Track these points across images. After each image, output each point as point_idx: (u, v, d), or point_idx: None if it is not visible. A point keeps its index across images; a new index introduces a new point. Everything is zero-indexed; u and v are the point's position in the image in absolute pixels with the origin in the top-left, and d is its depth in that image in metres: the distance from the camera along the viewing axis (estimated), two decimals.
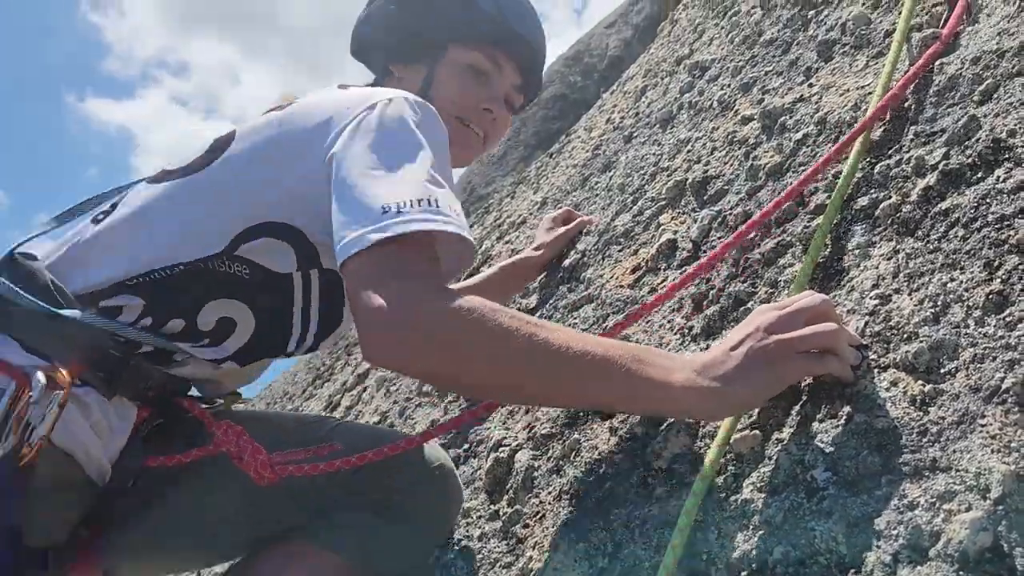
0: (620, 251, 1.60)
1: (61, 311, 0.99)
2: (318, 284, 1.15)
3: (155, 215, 1.10)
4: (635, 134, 2.13)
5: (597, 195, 2.01)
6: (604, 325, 1.41)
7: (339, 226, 0.93)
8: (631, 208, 1.72)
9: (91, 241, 1.10)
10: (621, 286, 1.47)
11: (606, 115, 2.78)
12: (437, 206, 0.92)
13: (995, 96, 1.01)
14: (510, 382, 0.89)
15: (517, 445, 1.32)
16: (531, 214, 2.59)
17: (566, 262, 1.74)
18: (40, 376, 0.93)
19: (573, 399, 0.98)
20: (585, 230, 1.80)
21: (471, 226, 3.22)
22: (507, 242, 2.49)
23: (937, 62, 1.14)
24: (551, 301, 1.69)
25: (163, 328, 1.08)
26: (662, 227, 1.52)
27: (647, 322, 1.31)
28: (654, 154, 1.86)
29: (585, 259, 1.70)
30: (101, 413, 1.04)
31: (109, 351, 1.03)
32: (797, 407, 0.91)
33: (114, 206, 1.14)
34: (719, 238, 1.32)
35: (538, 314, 1.70)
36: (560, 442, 1.23)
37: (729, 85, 1.76)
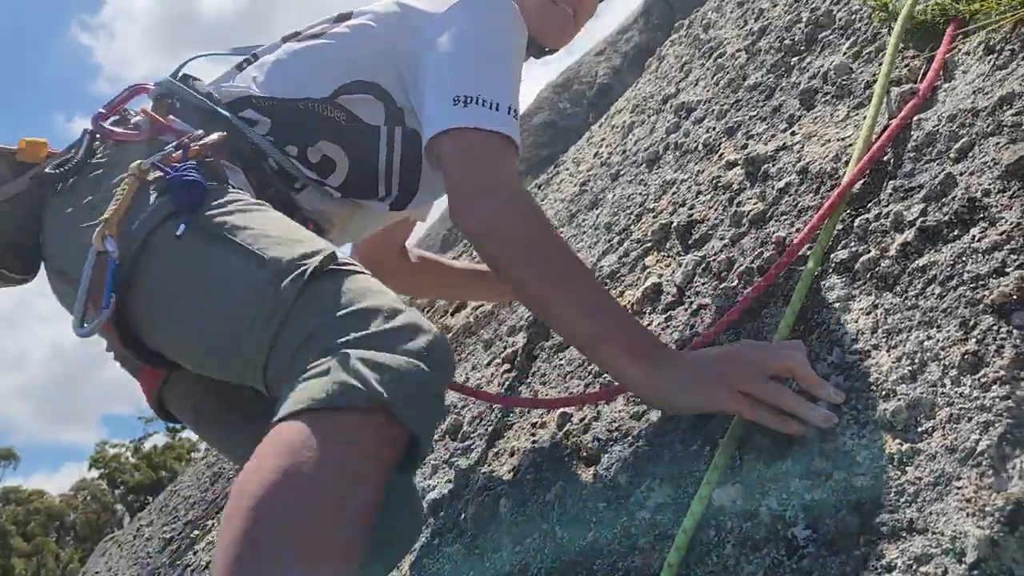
0: (608, 289, 1.61)
1: (217, 107, 1.26)
2: (400, 140, 1.35)
3: (284, 60, 1.35)
4: (622, 172, 2.15)
5: (584, 232, 2.03)
6: (589, 368, 1.42)
7: (438, 101, 1.17)
8: (617, 249, 1.73)
9: (233, 74, 1.38)
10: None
11: (594, 148, 2.81)
12: (517, 116, 1.18)
13: (970, 154, 1.03)
14: (533, 284, 1.09)
15: (501, 490, 1.32)
16: None
17: None
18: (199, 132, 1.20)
19: (563, 325, 1.13)
20: None
21: (460, 255, 3.23)
22: None
23: (915, 117, 1.16)
24: (539, 342, 1.70)
25: (285, 148, 1.29)
26: (647, 270, 1.54)
27: None
28: (640, 194, 1.89)
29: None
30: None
31: (248, 149, 1.25)
32: (779, 462, 0.92)
33: (256, 56, 1.40)
34: (703, 284, 1.34)
35: (527, 352, 1.71)
36: (544, 489, 1.23)
37: (714, 128, 1.78)
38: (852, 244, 1.08)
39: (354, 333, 0.92)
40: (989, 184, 0.97)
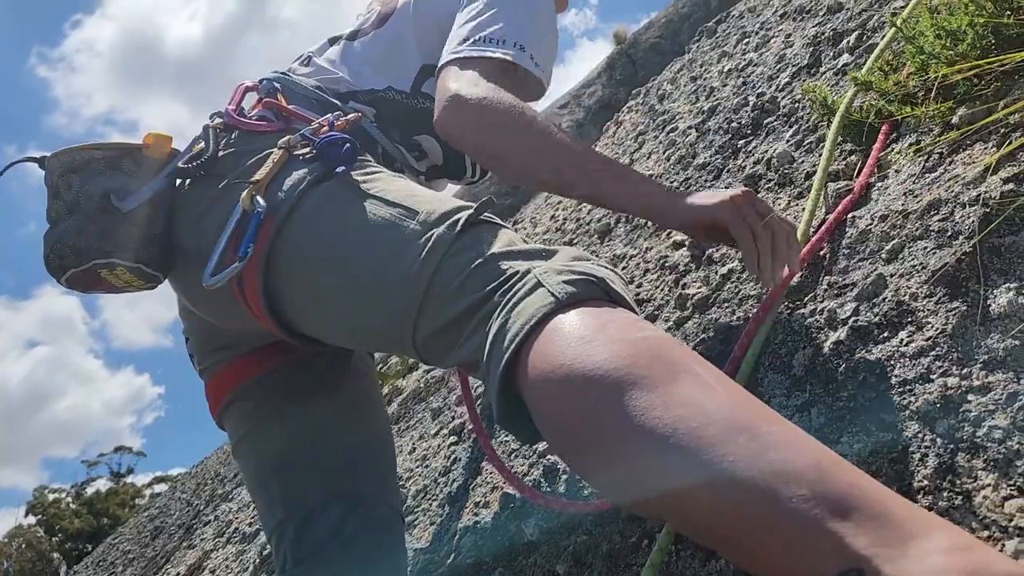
0: None
1: (330, 97, 1.32)
2: None
3: (358, 53, 1.40)
4: (575, 240, 2.18)
5: None
6: (534, 448, 1.41)
7: (459, 35, 1.23)
8: None
9: (322, 69, 1.41)
10: None
11: (551, 211, 2.85)
12: (532, 57, 1.22)
13: (900, 256, 1.07)
14: (535, 164, 1.12)
15: (441, 573, 1.30)
16: None
17: None
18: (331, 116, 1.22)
19: (584, 189, 1.13)
20: None
21: None
22: None
23: (850, 214, 1.20)
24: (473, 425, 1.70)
25: (390, 132, 1.35)
26: None
27: None
28: None
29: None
30: None
31: (363, 135, 1.30)
32: (714, 561, 0.92)
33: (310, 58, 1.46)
34: None
35: (472, 437, 1.70)
36: (484, 575, 1.22)
37: None
38: (789, 340, 1.11)
39: (525, 262, 0.91)
40: (917, 288, 1.00)
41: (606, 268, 0.93)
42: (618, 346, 0.76)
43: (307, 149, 1.14)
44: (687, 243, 1.56)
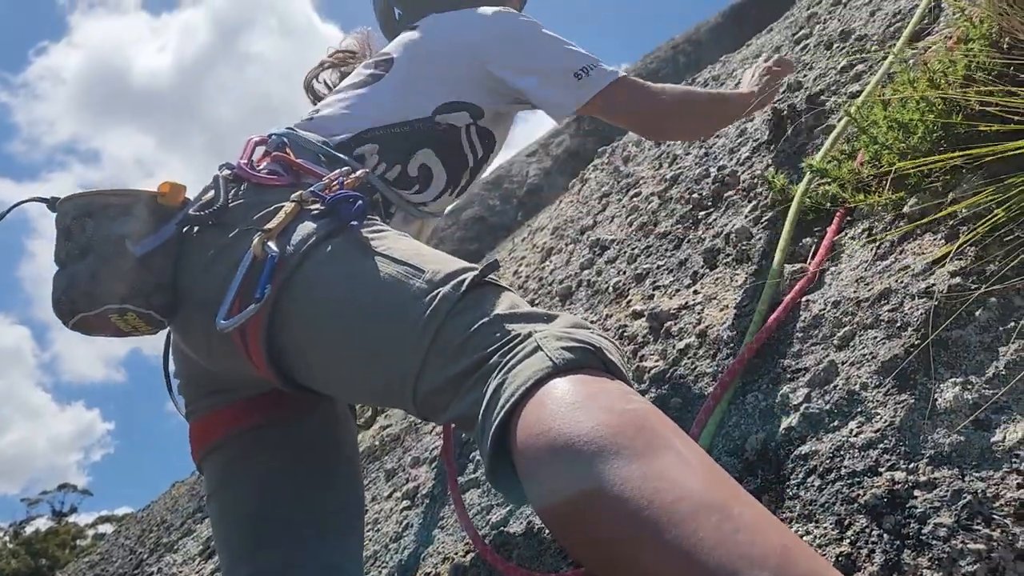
0: None
1: (335, 151, 1.37)
2: (476, 132, 1.54)
3: (369, 96, 1.49)
4: (537, 301, 2.19)
5: None
6: (486, 518, 1.40)
7: (564, 80, 1.46)
8: None
9: (327, 119, 1.46)
10: None
11: (515, 266, 2.86)
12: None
13: (852, 344, 1.09)
14: (693, 132, 1.83)
15: None
16: None
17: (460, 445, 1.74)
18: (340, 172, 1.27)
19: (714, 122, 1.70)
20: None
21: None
22: None
23: (804, 298, 1.22)
24: (446, 481, 1.67)
25: (388, 173, 1.42)
26: None
27: None
28: None
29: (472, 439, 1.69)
30: None
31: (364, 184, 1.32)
32: None
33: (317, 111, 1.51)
34: None
35: (425, 503, 1.68)
36: None
37: (625, 272, 1.84)
38: (743, 423, 1.12)
39: (527, 324, 0.95)
40: (867, 378, 1.02)
41: (604, 338, 0.96)
42: (605, 415, 0.79)
43: (318, 204, 1.17)
44: (645, 313, 1.57)
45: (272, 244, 1.09)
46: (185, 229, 1.21)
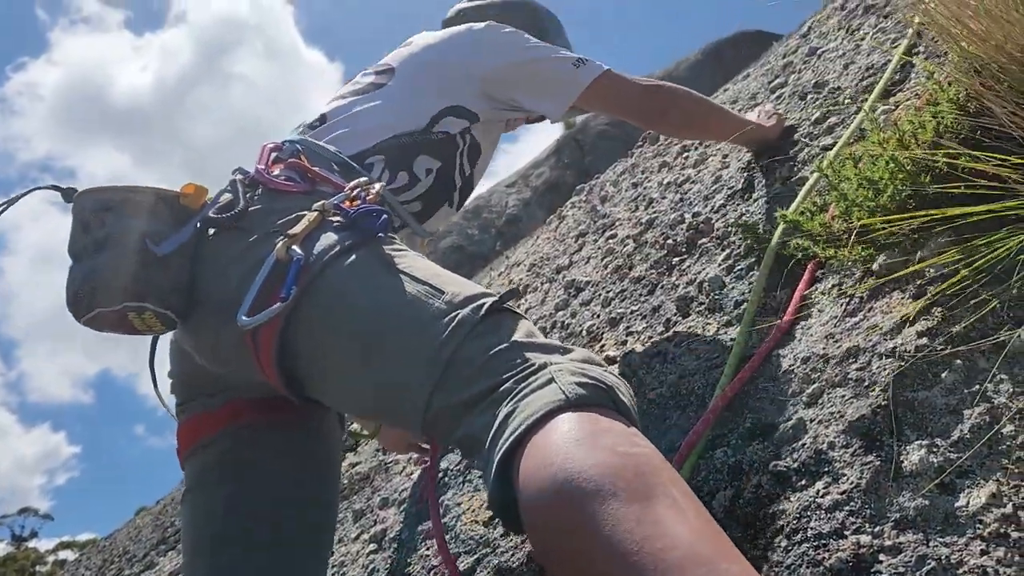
0: (480, 477, 1.60)
1: (349, 160, 1.40)
2: (468, 140, 1.58)
3: (369, 109, 1.52)
4: None
5: None
6: (462, 563, 1.38)
7: (563, 71, 1.56)
8: None
9: (334, 127, 1.50)
10: (476, 522, 1.46)
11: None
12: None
13: (820, 401, 1.09)
14: (689, 125, 1.79)
15: None
16: None
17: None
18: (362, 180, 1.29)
19: (717, 134, 1.84)
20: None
21: None
22: None
23: (775, 352, 1.23)
24: (414, 525, 1.65)
25: (394, 182, 1.45)
26: None
27: None
28: None
29: (447, 479, 1.68)
30: None
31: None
32: None
33: (324, 118, 1.54)
34: None
35: (393, 547, 1.66)
36: None
37: (599, 316, 1.84)
38: (712, 478, 1.11)
39: (543, 355, 0.95)
40: (835, 437, 1.02)
41: (616, 377, 0.97)
42: (608, 455, 0.80)
43: (339, 217, 1.18)
44: (618, 359, 1.58)
45: (297, 248, 1.10)
46: (208, 232, 1.23)
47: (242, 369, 1.19)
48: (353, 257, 1.12)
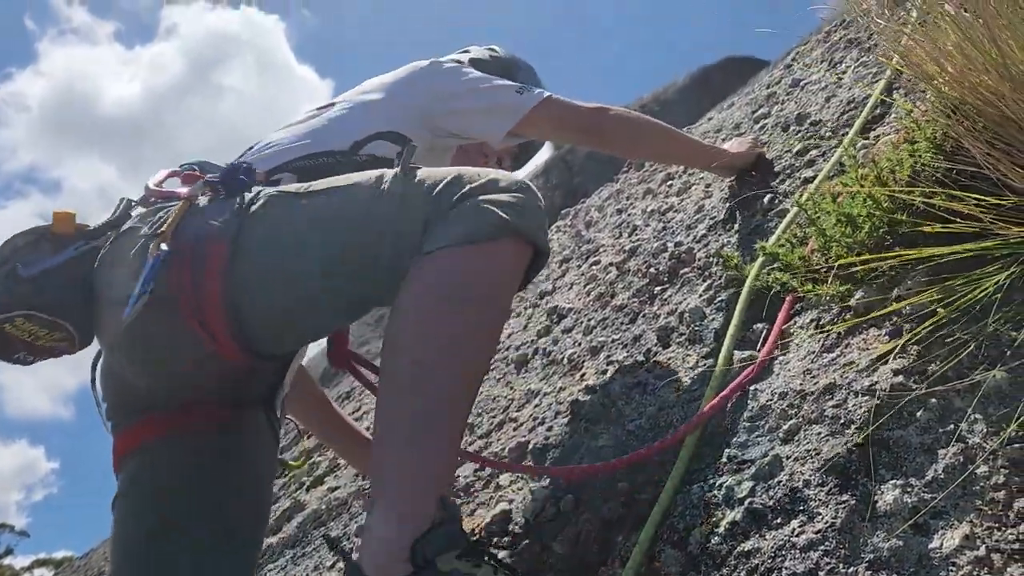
0: (460, 505, 1.58)
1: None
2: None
3: (297, 133, 1.56)
4: (493, 366, 2.18)
5: None
6: None
7: (507, 97, 1.62)
8: None
9: (255, 152, 1.55)
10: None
11: None
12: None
13: (796, 438, 1.09)
14: (641, 145, 1.83)
15: None
16: None
17: None
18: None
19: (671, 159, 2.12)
20: None
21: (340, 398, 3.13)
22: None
23: (752, 387, 1.23)
24: None
25: None
26: (501, 490, 1.53)
27: None
28: (506, 397, 1.90)
29: None
30: None
31: None
32: None
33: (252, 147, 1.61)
34: (550, 523, 1.33)
35: None
36: None
37: (580, 344, 1.84)
38: (688, 514, 1.11)
39: (461, 186, 1.15)
40: (811, 475, 1.02)
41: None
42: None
43: (211, 193, 1.28)
44: (598, 388, 1.57)
45: (164, 245, 1.16)
46: (96, 247, 1.30)
47: (174, 358, 1.25)
48: (260, 204, 1.22)
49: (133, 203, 1.37)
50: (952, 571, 0.84)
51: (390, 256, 1.13)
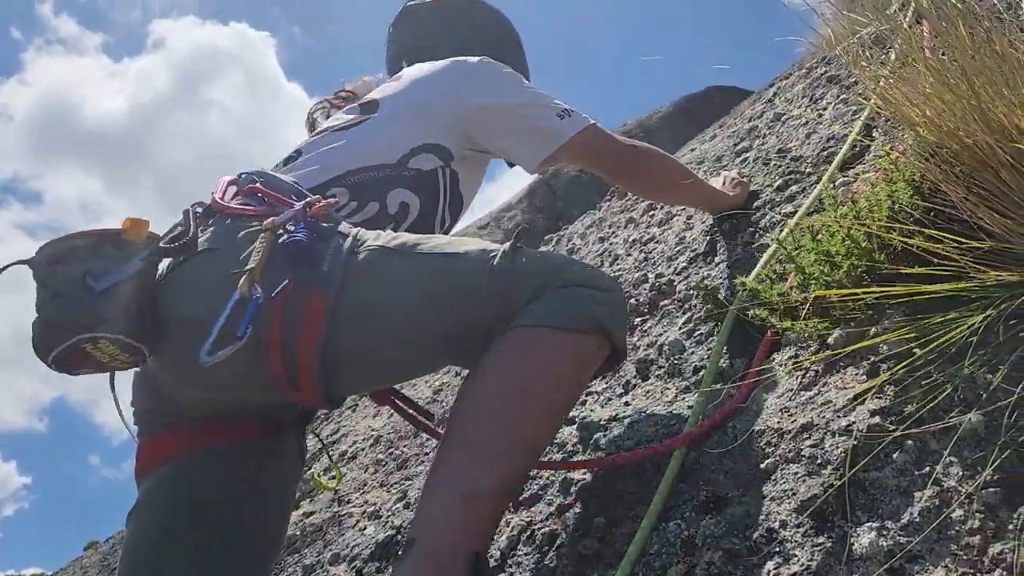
0: None
1: (304, 191, 1.39)
2: (449, 175, 1.58)
3: (343, 145, 1.53)
4: None
5: (427, 454, 2.00)
6: None
7: (546, 121, 1.56)
8: None
9: (303, 164, 1.52)
10: None
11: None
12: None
13: (774, 477, 1.09)
14: (661, 187, 1.81)
15: None
16: (366, 445, 2.52)
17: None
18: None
19: (684, 198, 1.98)
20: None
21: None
22: (332, 476, 2.40)
23: (730, 423, 1.23)
24: None
25: (360, 213, 1.46)
26: None
27: None
28: None
29: (400, 536, 1.65)
30: None
31: None
32: None
33: (299, 152, 1.57)
34: (525, 555, 1.32)
35: None
36: None
37: None
38: (664, 552, 1.10)
39: (568, 275, 1.20)
40: (787, 516, 1.02)
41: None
42: None
43: (298, 226, 1.24)
44: (577, 420, 1.57)
45: (257, 284, 1.14)
46: (166, 262, 1.26)
47: (242, 388, 1.25)
48: (360, 257, 1.22)
49: (198, 213, 1.32)
50: None
51: (490, 329, 1.18)
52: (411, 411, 1.47)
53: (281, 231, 1.22)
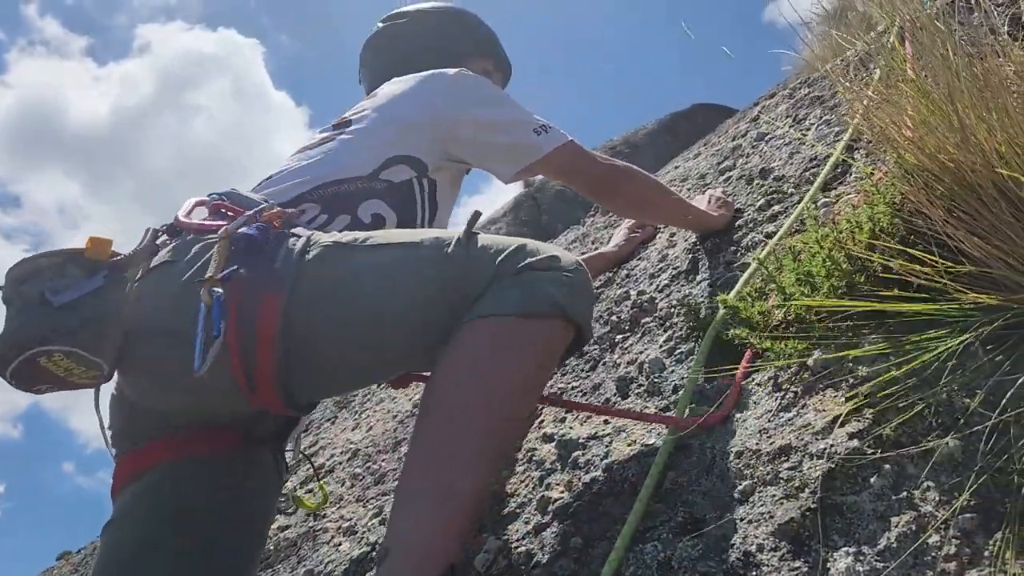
0: None
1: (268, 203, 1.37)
2: (427, 185, 1.58)
3: (314, 162, 1.52)
4: None
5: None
6: None
7: (522, 135, 1.57)
8: None
9: (260, 188, 1.50)
10: None
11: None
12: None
13: (751, 499, 1.08)
14: (639, 206, 1.82)
15: None
16: (343, 459, 2.49)
17: None
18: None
19: (660, 217, 2.02)
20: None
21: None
22: (312, 489, 2.37)
23: (709, 444, 1.22)
24: None
25: (332, 224, 1.43)
26: None
27: None
28: None
29: (374, 552, 1.62)
30: None
31: None
32: None
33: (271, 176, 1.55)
34: (500, 573, 1.30)
35: None
36: None
37: None
38: (639, 574, 1.09)
39: (524, 258, 1.18)
40: (764, 539, 1.01)
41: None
42: None
43: (252, 232, 1.23)
44: (556, 438, 1.55)
45: (218, 288, 1.14)
46: (135, 278, 1.27)
47: (211, 400, 1.26)
48: (312, 256, 1.21)
49: (159, 233, 1.35)
50: None
51: (448, 317, 1.17)
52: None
53: (235, 237, 1.22)
